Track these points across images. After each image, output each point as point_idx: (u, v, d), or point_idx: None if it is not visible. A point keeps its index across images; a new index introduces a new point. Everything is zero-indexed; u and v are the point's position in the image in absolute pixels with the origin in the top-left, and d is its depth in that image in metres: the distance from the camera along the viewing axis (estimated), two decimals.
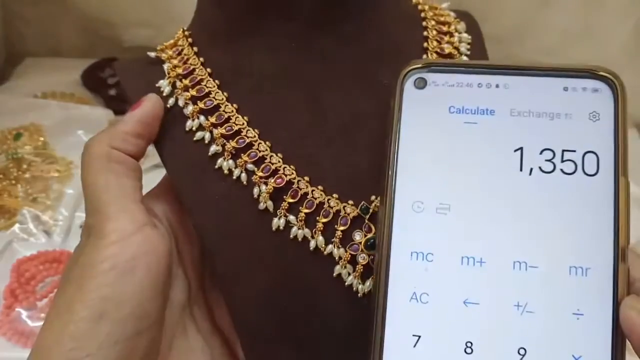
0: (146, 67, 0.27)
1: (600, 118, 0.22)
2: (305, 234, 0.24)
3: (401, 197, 0.22)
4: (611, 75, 0.22)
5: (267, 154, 0.25)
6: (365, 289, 0.24)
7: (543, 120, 0.22)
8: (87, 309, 0.21)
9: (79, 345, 0.21)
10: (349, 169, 0.25)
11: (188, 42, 0.27)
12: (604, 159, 0.22)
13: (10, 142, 0.66)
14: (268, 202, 0.24)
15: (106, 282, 0.22)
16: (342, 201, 0.25)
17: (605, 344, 0.20)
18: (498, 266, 0.21)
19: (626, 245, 0.21)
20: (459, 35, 0.28)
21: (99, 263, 0.22)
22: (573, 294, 0.21)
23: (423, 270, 0.22)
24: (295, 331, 0.25)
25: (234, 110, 0.25)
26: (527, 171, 0.22)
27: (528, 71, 0.23)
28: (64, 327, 0.21)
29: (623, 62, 0.75)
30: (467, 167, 0.22)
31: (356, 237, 0.24)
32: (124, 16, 0.79)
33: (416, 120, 0.23)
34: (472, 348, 0.21)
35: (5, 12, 0.81)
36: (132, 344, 0.22)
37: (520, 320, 0.21)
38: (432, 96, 0.23)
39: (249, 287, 0.25)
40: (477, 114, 0.23)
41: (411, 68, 0.24)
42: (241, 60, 0.26)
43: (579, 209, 0.22)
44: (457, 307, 0.21)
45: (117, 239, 0.22)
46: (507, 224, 0.22)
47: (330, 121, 0.25)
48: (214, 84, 0.26)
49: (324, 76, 0.26)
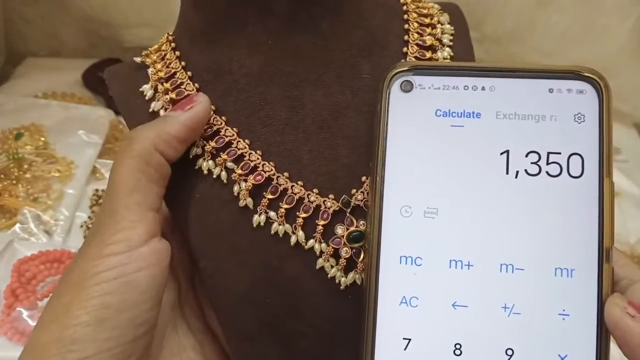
0: (132, 72, 0.28)
1: (585, 119, 0.22)
2: (286, 230, 0.24)
3: (389, 201, 0.23)
4: (596, 76, 0.22)
5: (246, 151, 0.25)
6: (348, 281, 0.24)
7: (529, 123, 0.23)
8: (88, 314, 0.21)
9: (77, 348, 0.21)
10: (329, 164, 0.25)
11: (171, 46, 0.27)
12: (588, 160, 0.22)
13: (11, 142, 0.66)
14: (248, 199, 0.25)
15: (109, 290, 0.22)
16: (322, 196, 0.25)
17: (590, 343, 0.21)
18: (485, 269, 0.22)
19: (611, 245, 0.21)
20: (442, 26, 0.28)
21: (104, 271, 0.22)
22: (558, 295, 0.21)
23: (412, 275, 0.22)
24: (278, 326, 0.25)
25: (212, 112, 0.26)
26: (513, 174, 0.22)
27: (513, 73, 0.23)
28: (62, 329, 0.21)
29: (622, 62, 0.75)
30: (454, 170, 0.23)
31: (338, 230, 0.24)
32: (125, 16, 0.80)
33: (403, 123, 0.23)
34: (461, 350, 0.21)
35: (6, 12, 0.81)
36: (130, 349, 0.22)
37: (507, 322, 0.21)
38: (419, 99, 0.23)
39: (231, 284, 0.25)
40: (464, 117, 0.23)
41: (397, 71, 0.24)
42: (220, 59, 0.26)
43: (564, 211, 0.22)
44: (446, 310, 0.22)
45: (125, 249, 0.22)
46: (493, 227, 0.22)
47: (309, 116, 0.25)
48: (193, 87, 0.26)
49: (302, 72, 0.26)
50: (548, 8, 0.72)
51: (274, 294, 0.25)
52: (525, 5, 0.73)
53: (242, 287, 0.25)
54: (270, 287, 0.25)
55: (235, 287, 0.25)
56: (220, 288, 0.25)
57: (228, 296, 0.25)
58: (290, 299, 0.25)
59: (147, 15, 0.78)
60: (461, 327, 0.21)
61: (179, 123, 0.24)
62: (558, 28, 0.74)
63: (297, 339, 0.25)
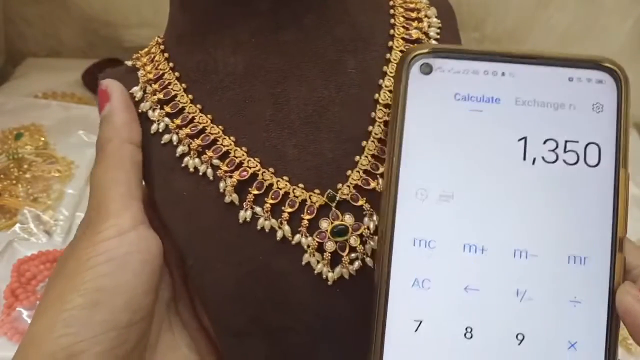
0: (124, 76, 0.28)
1: (604, 109, 0.22)
2: (272, 225, 0.24)
3: (405, 184, 0.22)
4: (616, 67, 0.22)
5: (231, 148, 0.25)
6: (334, 276, 0.24)
7: (547, 110, 0.23)
8: (82, 297, 0.22)
9: (73, 332, 0.21)
10: (314, 158, 0.25)
11: (160, 48, 0.28)
12: (605, 150, 0.22)
13: (11, 142, 0.66)
14: (233, 195, 0.25)
15: (102, 273, 0.22)
16: (308, 190, 0.25)
17: (600, 331, 0.21)
18: (499, 254, 0.22)
19: (624, 235, 0.22)
20: (429, 20, 0.28)
21: (96, 256, 0.22)
22: (571, 282, 0.21)
23: (425, 257, 0.22)
24: (266, 321, 0.25)
25: (198, 111, 0.26)
26: (530, 161, 0.22)
27: (534, 60, 0.23)
28: (56, 315, 0.22)
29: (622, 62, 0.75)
30: (471, 155, 0.22)
31: (322, 224, 0.24)
32: (125, 16, 0.80)
33: (421, 106, 0.23)
34: (472, 333, 0.21)
35: (6, 12, 0.81)
36: (125, 334, 0.22)
37: (519, 307, 0.21)
38: (438, 82, 0.23)
39: (218, 280, 0.25)
40: (483, 102, 0.23)
41: (417, 53, 0.23)
42: (206, 59, 0.26)
43: (579, 199, 0.22)
44: (458, 293, 0.22)
45: (114, 234, 0.23)
46: (508, 213, 0.22)
47: (293, 112, 0.25)
48: (180, 87, 0.26)
49: (286, 69, 0.26)
50: (548, 8, 0.72)
51: (262, 289, 0.25)
52: (525, 5, 0.73)
53: (230, 282, 0.25)
54: (257, 282, 0.25)
55: (223, 283, 0.25)
56: (208, 284, 0.25)
57: (216, 292, 0.25)
58: (278, 294, 0.25)
59: (147, 15, 0.78)
60: (473, 311, 0.21)
61: (119, 110, 0.26)
62: (558, 28, 0.74)
63: (286, 334, 0.25)
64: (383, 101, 0.25)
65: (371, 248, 0.24)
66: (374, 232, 0.24)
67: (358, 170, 0.25)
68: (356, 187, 0.25)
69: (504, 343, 0.21)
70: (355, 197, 0.25)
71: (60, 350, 0.21)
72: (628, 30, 0.73)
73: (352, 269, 0.24)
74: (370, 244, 0.24)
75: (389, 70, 0.26)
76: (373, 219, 0.24)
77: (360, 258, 0.24)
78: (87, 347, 0.21)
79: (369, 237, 0.24)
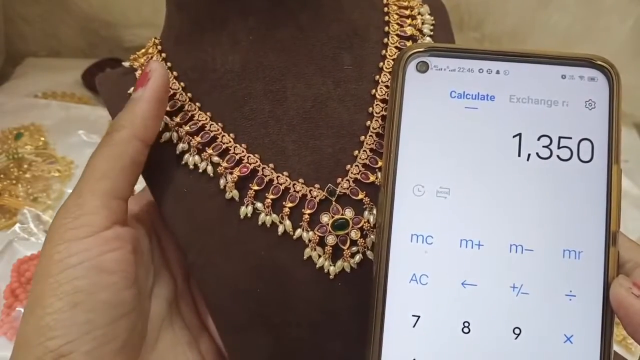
0: (121, 77, 0.28)
1: (596, 106, 0.23)
2: (273, 220, 0.25)
3: (402, 180, 0.23)
4: (607, 65, 0.23)
5: (231, 145, 0.25)
6: (336, 270, 0.24)
7: (541, 107, 0.23)
8: (60, 300, 0.22)
9: (59, 334, 0.21)
10: (313, 153, 0.25)
11: (157, 49, 0.28)
12: (598, 146, 0.23)
13: (11, 142, 0.66)
14: (234, 191, 0.25)
15: (77, 275, 0.22)
16: (307, 185, 0.25)
17: (595, 324, 0.21)
18: (495, 249, 0.22)
19: (617, 229, 0.22)
20: (422, 17, 0.28)
21: (68, 257, 0.22)
22: (566, 276, 0.22)
23: (423, 253, 0.22)
24: (268, 316, 0.25)
25: (197, 108, 0.26)
26: (525, 157, 0.23)
27: (528, 58, 0.24)
28: (40, 319, 0.22)
29: (622, 62, 0.75)
30: (467, 151, 0.23)
31: (323, 218, 0.25)
32: (125, 16, 0.80)
33: (417, 103, 0.24)
34: (469, 328, 0.22)
35: (6, 11, 0.81)
36: (112, 331, 0.22)
37: (515, 301, 0.22)
38: (434, 80, 0.24)
39: (220, 275, 0.25)
40: (478, 99, 0.23)
41: (413, 51, 0.24)
42: (204, 57, 0.27)
43: (573, 195, 0.22)
44: (455, 288, 0.22)
45: (87, 233, 0.23)
46: (504, 208, 0.22)
47: (292, 108, 0.26)
48: (179, 86, 0.27)
49: (284, 66, 0.26)
50: (548, 8, 0.72)
51: (264, 284, 0.25)
52: (525, 5, 0.73)
53: (232, 278, 0.25)
54: (259, 277, 0.25)
55: (225, 278, 0.25)
56: (210, 280, 0.26)
57: (218, 288, 0.25)
58: (280, 288, 0.25)
59: (147, 15, 0.78)
60: (470, 306, 0.22)
61: (146, 102, 0.24)
62: (558, 28, 0.74)
63: (288, 328, 0.25)
64: (380, 96, 0.26)
65: (371, 241, 0.25)
66: (374, 225, 0.25)
67: (357, 165, 0.25)
68: (356, 181, 0.25)
69: (501, 337, 0.22)
70: (355, 191, 0.25)
71: (49, 352, 0.21)
72: (628, 30, 0.73)
73: (353, 263, 0.25)
74: (371, 237, 0.25)
75: (385, 66, 0.26)
76: (373, 213, 0.25)
77: (361, 251, 0.25)
78: (75, 348, 0.21)
79: (370, 230, 0.25)
